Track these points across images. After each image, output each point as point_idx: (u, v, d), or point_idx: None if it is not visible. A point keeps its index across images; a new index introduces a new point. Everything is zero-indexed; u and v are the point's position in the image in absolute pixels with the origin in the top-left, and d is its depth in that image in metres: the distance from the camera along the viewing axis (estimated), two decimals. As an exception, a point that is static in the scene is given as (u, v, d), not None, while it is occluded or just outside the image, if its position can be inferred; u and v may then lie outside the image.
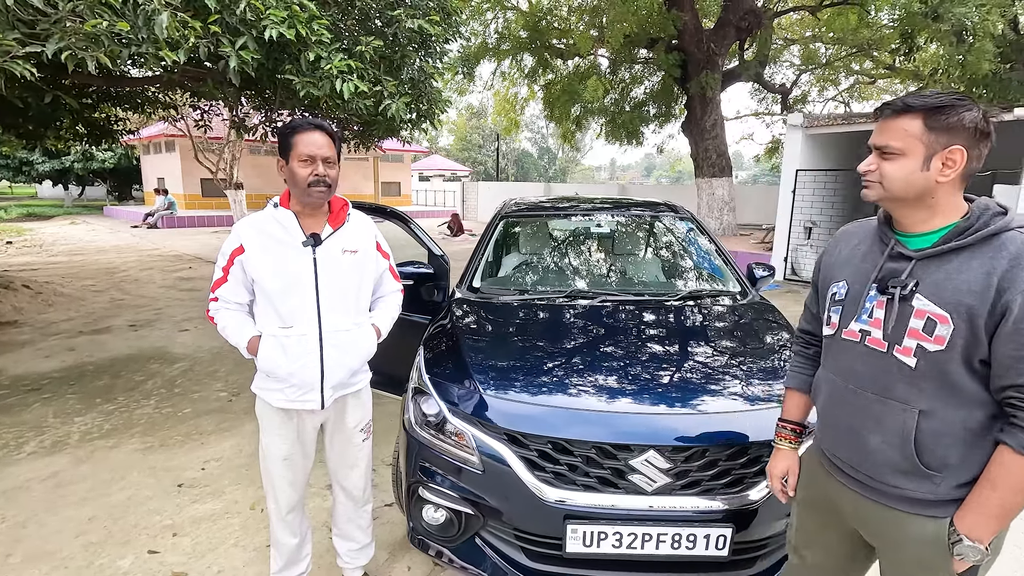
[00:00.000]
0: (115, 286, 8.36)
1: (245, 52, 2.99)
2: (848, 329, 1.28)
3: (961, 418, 1.15)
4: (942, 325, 1.12)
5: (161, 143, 20.55)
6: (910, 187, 1.16)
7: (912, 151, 1.14)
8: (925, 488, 1.18)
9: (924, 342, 1.14)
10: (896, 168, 1.16)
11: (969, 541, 1.13)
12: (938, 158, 1.13)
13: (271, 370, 1.74)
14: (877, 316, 1.22)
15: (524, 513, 1.81)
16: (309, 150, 1.67)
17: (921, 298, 1.15)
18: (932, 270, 1.16)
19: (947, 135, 1.12)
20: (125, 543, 2.53)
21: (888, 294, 1.19)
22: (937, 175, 1.14)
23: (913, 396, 1.17)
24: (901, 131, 1.15)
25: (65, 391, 4.29)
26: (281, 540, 1.96)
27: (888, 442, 1.20)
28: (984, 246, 1.12)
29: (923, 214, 1.19)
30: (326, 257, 1.76)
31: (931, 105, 1.13)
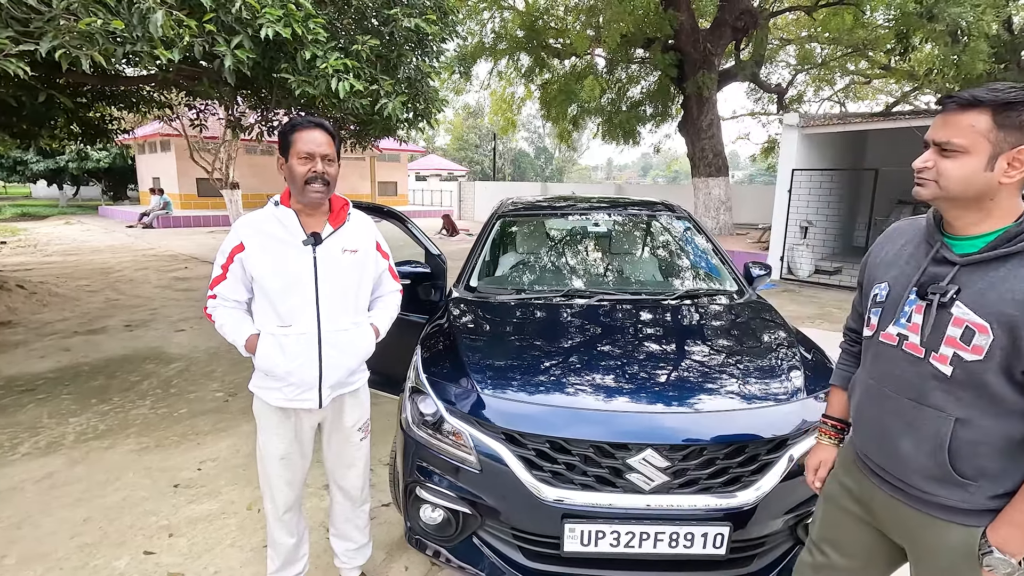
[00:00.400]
0: (110, 286, 8.32)
1: (240, 51, 2.98)
2: (886, 332, 1.24)
3: (1000, 428, 1.11)
4: (981, 335, 1.08)
5: (156, 142, 20.46)
6: (969, 187, 1.09)
7: (977, 149, 1.07)
8: (958, 496, 1.15)
9: (961, 351, 1.10)
10: (957, 166, 1.09)
11: (1000, 554, 1.10)
12: (1004, 158, 1.06)
13: (269, 369, 1.73)
14: (916, 321, 1.17)
15: (522, 512, 1.81)
16: (308, 147, 1.66)
17: (961, 306, 1.10)
18: (976, 277, 1.10)
19: (1018, 133, 1.04)
20: (120, 544, 2.52)
21: (928, 299, 1.15)
22: (1001, 176, 1.07)
23: (950, 404, 1.14)
24: (967, 127, 1.07)
25: (60, 392, 4.27)
26: (278, 540, 1.95)
27: (920, 448, 1.17)
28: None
29: (977, 216, 1.13)
30: (326, 256, 1.75)
31: (1004, 100, 1.04)
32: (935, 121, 1.13)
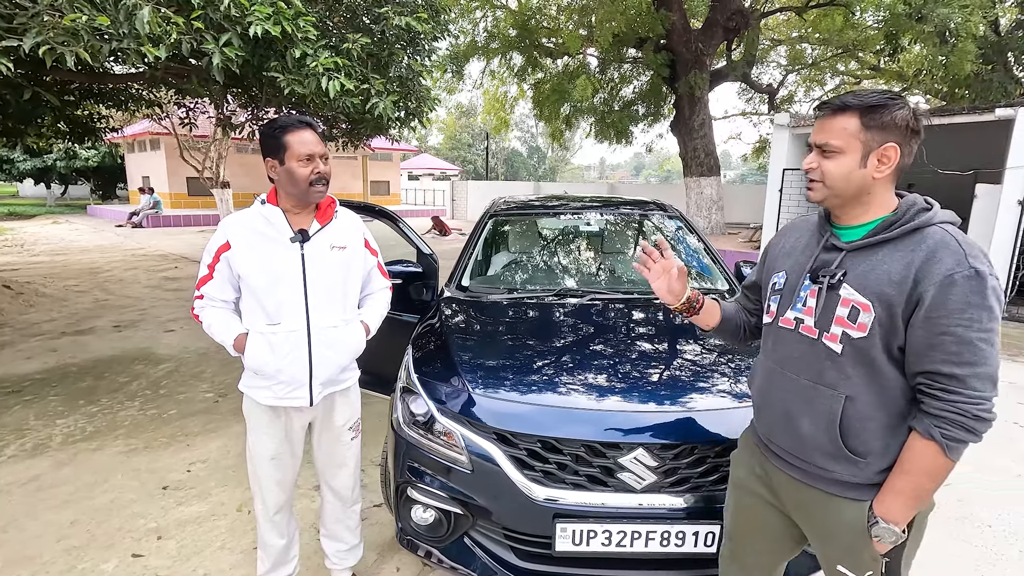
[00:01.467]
0: (99, 286, 8.24)
1: (229, 49, 2.95)
2: (784, 317, 1.35)
3: (884, 404, 1.21)
4: (864, 313, 1.19)
5: (146, 141, 20.28)
6: (849, 184, 1.22)
7: (851, 148, 1.19)
8: (850, 471, 1.24)
9: (848, 329, 1.21)
10: (836, 166, 1.21)
11: (885, 523, 1.19)
12: (875, 155, 1.19)
13: (258, 367, 1.72)
14: (810, 304, 1.28)
15: (513, 512, 1.80)
16: (308, 149, 1.65)
17: (847, 287, 1.22)
18: (859, 261, 1.22)
19: (882, 133, 1.17)
20: (108, 547, 2.49)
21: (819, 283, 1.26)
22: (874, 171, 1.20)
23: (840, 382, 1.24)
24: (840, 129, 1.20)
25: (47, 393, 4.22)
26: (268, 541, 1.94)
27: (817, 426, 1.27)
28: (907, 239, 1.18)
29: (859, 209, 1.25)
30: (314, 253, 1.74)
31: (867, 104, 1.18)
32: (815, 126, 1.26)
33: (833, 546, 1.32)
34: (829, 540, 1.32)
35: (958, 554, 2.48)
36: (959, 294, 1.10)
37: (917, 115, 1.19)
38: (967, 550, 2.51)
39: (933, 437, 1.13)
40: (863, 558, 1.27)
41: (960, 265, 1.11)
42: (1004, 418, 3.93)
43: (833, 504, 1.28)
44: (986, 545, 2.55)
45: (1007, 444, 3.56)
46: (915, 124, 1.18)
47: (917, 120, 1.18)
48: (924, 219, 1.18)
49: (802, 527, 1.39)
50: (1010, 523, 2.73)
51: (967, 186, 7.65)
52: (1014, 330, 6.54)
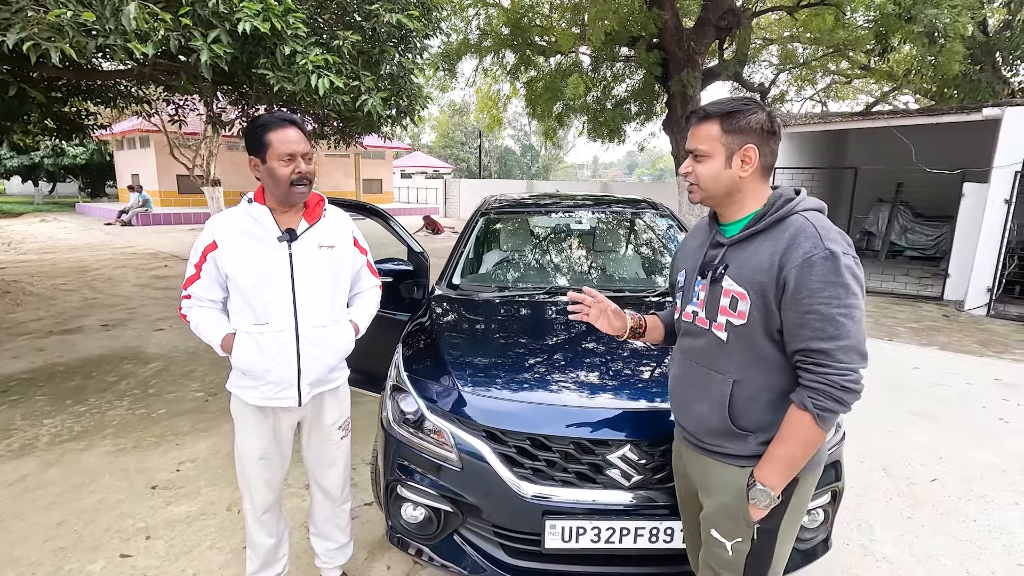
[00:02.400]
0: (87, 285, 8.16)
1: (218, 46, 2.92)
2: (685, 311, 1.47)
3: (768, 384, 1.32)
4: (742, 301, 1.29)
5: (135, 139, 20.07)
6: (719, 184, 1.34)
7: (716, 152, 1.32)
8: (739, 446, 1.36)
9: (730, 317, 1.32)
10: (705, 168, 1.34)
11: (761, 486, 1.30)
12: (737, 156, 1.31)
13: (247, 368, 1.71)
14: (703, 298, 1.39)
15: (503, 509, 1.81)
16: (288, 148, 1.64)
17: (728, 279, 1.32)
18: (737, 254, 1.33)
19: (741, 135, 1.30)
20: (96, 548, 2.47)
21: (706, 277, 1.38)
22: (739, 171, 1.32)
23: (729, 367, 1.35)
24: (705, 135, 1.33)
25: (34, 393, 4.18)
26: (257, 541, 1.93)
27: (711, 408, 1.38)
28: (775, 229, 1.29)
29: (734, 207, 1.37)
30: (302, 252, 1.73)
31: (725, 111, 1.31)
32: (689, 134, 1.38)
33: (714, 509, 1.42)
34: (712, 503, 1.43)
35: (944, 549, 2.51)
36: (817, 274, 1.19)
37: (772, 118, 1.31)
38: (952, 544, 2.54)
39: (807, 408, 1.23)
40: (738, 523, 1.37)
41: (816, 248, 1.21)
42: (989, 413, 3.98)
43: (721, 469, 1.40)
44: (971, 539, 2.59)
45: (992, 440, 3.61)
46: (770, 126, 1.30)
47: (772, 122, 1.31)
48: (787, 209, 1.29)
49: (701, 498, 1.49)
50: (995, 517, 2.76)
51: (955, 185, 7.73)
52: (1000, 327, 6.62)
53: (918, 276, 8.56)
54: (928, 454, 3.40)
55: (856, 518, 2.72)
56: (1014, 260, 7.43)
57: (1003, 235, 7.00)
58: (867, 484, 3.05)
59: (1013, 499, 2.93)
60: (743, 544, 1.37)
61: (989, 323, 6.80)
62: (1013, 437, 3.65)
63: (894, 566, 2.39)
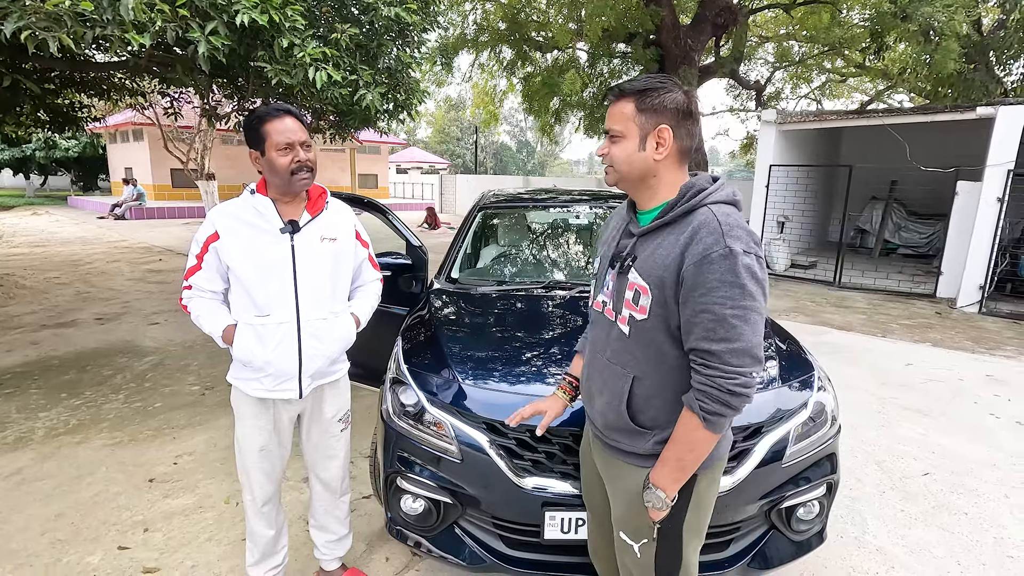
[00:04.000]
0: (81, 279, 8.11)
1: (215, 38, 2.91)
2: (596, 300, 1.42)
3: (667, 381, 1.27)
4: (644, 296, 1.24)
5: (128, 131, 19.94)
6: (632, 167, 1.26)
7: (629, 132, 1.24)
8: (636, 443, 1.32)
9: (633, 311, 1.27)
10: (620, 149, 1.26)
11: (654, 488, 1.26)
12: (651, 138, 1.23)
13: (247, 360, 1.71)
14: (611, 288, 1.34)
15: (502, 501, 1.82)
16: (286, 137, 1.64)
17: (634, 271, 1.27)
18: (645, 245, 1.27)
19: (655, 116, 1.22)
20: (94, 540, 2.47)
21: (615, 267, 1.33)
22: (653, 154, 1.24)
23: (630, 362, 1.30)
24: (620, 114, 1.26)
25: (28, 386, 4.16)
26: (257, 532, 1.94)
27: (610, 402, 1.34)
28: (682, 222, 1.23)
29: (647, 193, 1.30)
30: (304, 244, 1.73)
31: (638, 88, 1.24)
32: (607, 112, 1.31)
33: (620, 512, 1.39)
34: (618, 506, 1.40)
35: (935, 542, 2.55)
36: (714, 272, 1.14)
37: (689, 98, 1.24)
38: (944, 538, 2.58)
39: (694, 409, 1.19)
40: (641, 524, 1.34)
41: (716, 244, 1.14)
42: (980, 409, 4.03)
43: (623, 470, 1.36)
44: (962, 532, 2.62)
45: (983, 435, 3.65)
46: (686, 107, 1.23)
47: (689, 103, 1.23)
48: (696, 200, 1.22)
49: (610, 501, 1.45)
50: (985, 510, 2.80)
51: (948, 183, 7.78)
52: (991, 324, 6.68)
53: (911, 273, 8.62)
54: (921, 448, 3.44)
55: (850, 511, 2.75)
56: (1006, 258, 7.50)
57: (995, 233, 7.07)
58: (860, 478, 3.08)
59: (1003, 492, 2.97)
60: (649, 546, 1.34)
61: (981, 320, 6.87)
62: (1004, 432, 3.70)
63: (887, 558, 2.42)
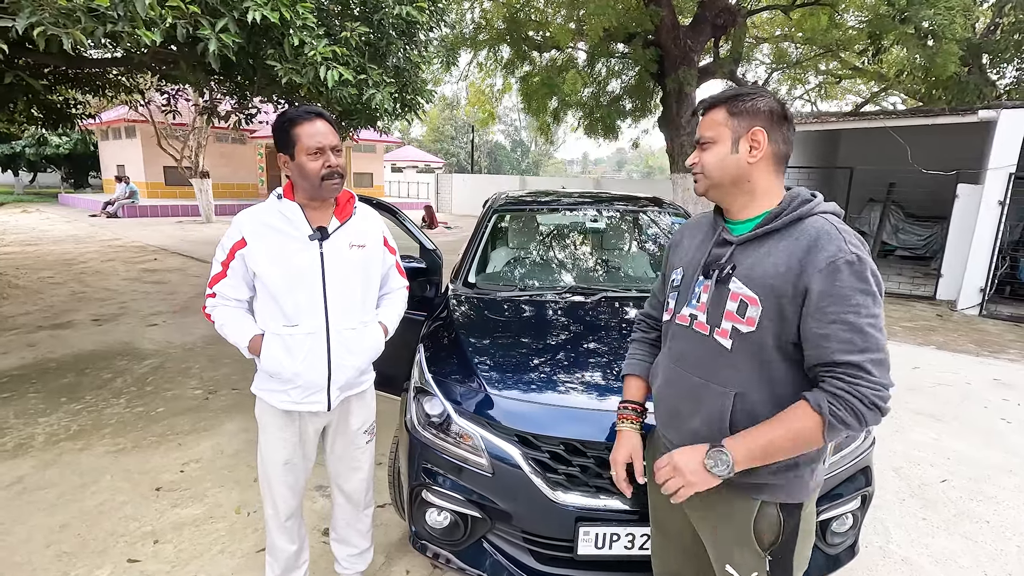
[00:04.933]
0: (75, 278, 7.97)
1: (226, 35, 2.83)
2: (680, 314, 1.35)
3: (774, 399, 1.20)
4: (752, 307, 1.18)
5: (121, 128, 19.65)
6: (725, 171, 1.25)
7: (721, 137, 1.25)
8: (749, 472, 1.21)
9: (738, 324, 1.21)
10: (711, 155, 1.26)
11: (725, 452, 1.17)
12: (744, 140, 1.23)
13: (276, 371, 1.65)
14: (704, 300, 1.28)
15: (534, 516, 1.77)
16: (317, 141, 1.58)
17: (736, 281, 1.22)
18: (747, 255, 1.23)
19: (748, 118, 1.22)
20: (101, 552, 2.40)
21: (710, 278, 1.27)
22: (747, 156, 1.23)
23: (731, 379, 1.23)
24: (711, 122, 1.27)
25: (26, 390, 4.06)
26: (279, 547, 1.87)
27: (708, 423, 1.26)
28: (791, 230, 1.19)
29: (743, 199, 1.27)
30: (333, 252, 1.67)
31: (729, 95, 1.26)
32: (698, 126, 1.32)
33: (722, 544, 1.32)
34: (719, 538, 1.32)
35: (960, 551, 2.52)
36: (844, 280, 1.10)
37: (782, 103, 1.25)
38: (968, 547, 2.55)
39: (821, 411, 1.10)
40: (749, 555, 1.27)
41: (841, 251, 1.11)
42: (991, 414, 4.03)
43: (725, 499, 1.27)
44: (986, 541, 2.60)
45: (997, 440, 3.65)
46: (780, 111, 1.23)
47: (783, 107, 1.24)
48: (805, 209, 1.20)
49: (695, 525, 1.39)
50: (1007, 518, 2.78)
51: (946, 186, 7.81)
52: (992, 327, 6.71)
53: (910, 276, 8.65)
54: (936, 454, 3.42)
55: (872, 519, 2.72)
56: (1005, 261, 7.54)
57: (996, 236, 7.09)
58: (880, 485, 3.05)
59: (1023, 500, 2.96)
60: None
61: (982, 323, 6.90)
62: (1017, 437, 3.69)
63: (913, 568, 2.39)
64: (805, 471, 1.25)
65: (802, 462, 1.23)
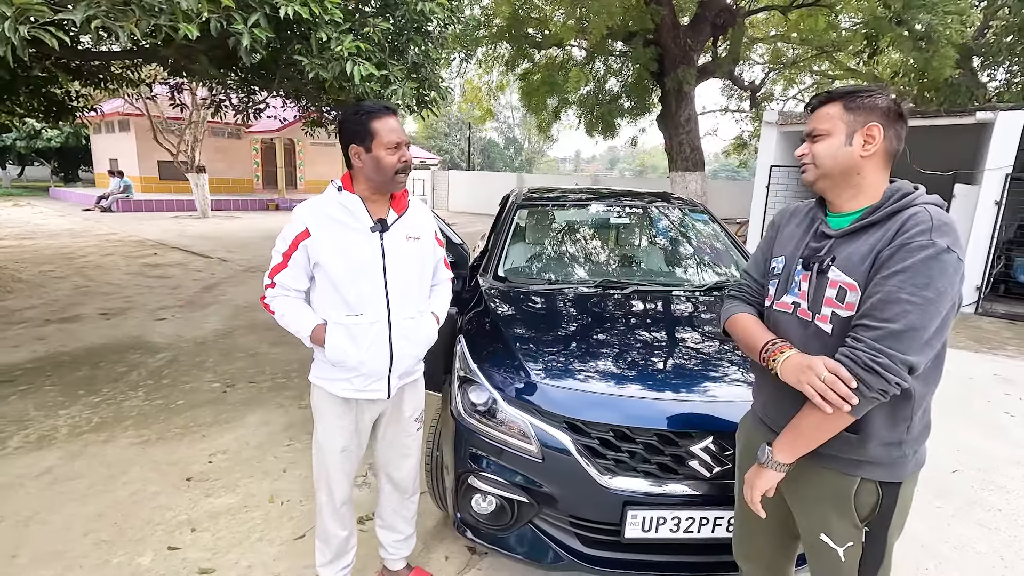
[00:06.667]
0: (77, 272, 7.92)
1: (259, 30, 2.86)
2: (781, 301, 1.41)
3: None
4: (851, 292, 1.24)
5: (114, 122, 19.42)
6: (837, 162, 1.29)
7: (836, 130, 1.29)
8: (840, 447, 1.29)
9: (836, 309, 1.27)
10: (824, 146, 1.30)
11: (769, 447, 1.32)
12: (859, 135, 1.27)
13: (340, 359, 1.69)
14: (804, 289, 1.34)
15: (583, 500, 1.83)
16: (395, 136, 1.64)
17: (835, 270, 1.28)
18: (845, 246, 1.29)
19: (864, 114, 1.27)
20: (140, 540, 2.43)
21: (810, 269, 1.33)
22: (860, 150, 1.27)
23: None
24: (825, 115, 1.31)
25: (42, 383, 4.05)
26: (332, 532, 1.92)
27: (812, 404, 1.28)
28: (888, 220, 1.25)
29: (850, 192, 1.31)
30: (392, 243, 1.72)
31: (847, 91, 1.30)
32: (808, 120, 1.37)
33: (817, 515, 1.37)
34: (814, 510, 1.37)
35: (975, 537, 2.61)
36: (906, 259, 1.15)
37: (898, 102, 1.28)
38: (984, 533, 2.65)
39: None
40: (846, 526, 1.32)
41: (921, 235, 1.16)
42: (994, 407, 4.14)
43: (822, 475, 1.34)
44: (1000, 528, 2.69)
45: (1000, 432, 3.76)
46: (896, 108, 1.27)
47: (899, 105, 1.27)
48: (905, 202, 1.25)
49: (789, 502, 1.43)
50: (1018, 507, 2.88)
51: (947, 186, 7.95)
52: (988, 324, 6.86)
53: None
54: (945, 446, 3.52)
55: (888, 507, 2.81)
56: (1001, 260, 7.70)
57: (992, 236, 7.24)
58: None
59: (1031, 489, 3.06)
60: (854, 549, 1.33)
61: (978, 320, 7.05)
62: (1020, 430, 3.80)
63: (932, 554, 2.48)
64: (908, 450, 1.29)
65: (905, 441, 1.27)
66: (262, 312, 6.28)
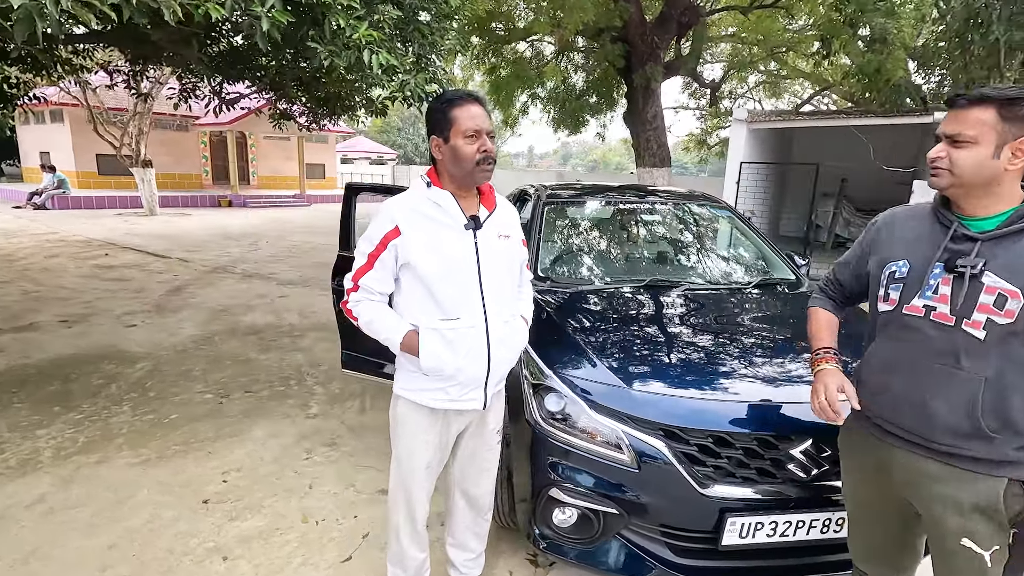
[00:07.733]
0: (21, 276, 7.27)
1: (277, 12, 2.65)
2: (911, 305, 1.35)
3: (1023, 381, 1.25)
4: (1012, 300, 1.21)
5: (45, 112, 17.93)
6: (980, 174, 1.23)
7: (985, 139, 1.21)
8: (984, 449, 1.27)
9: (994, 316, 1.23)
10: (968, 156, 1.23)
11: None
12: (1009, 147, 1.20)
13: (437, 368, 1.55)
14: (943, 292, 1.29)
15: (678, 509, 1.77)
16: (475, 124, 1.51)
17: (991, 275, 1.23)
18: (999, 251, 1.24)
19: (1020, 126, 1.19)
20: (167, 572, 2.20)
21: (956, 272, 1.27)
22: (1006, 163, 1.21)
23: (980, 365, 1.26)
24: (975, 120, 1.21)
25: (10, 400, 3.67)
26: (410, 555, 1.78)
27: (953, 408, 1.28)
28: None
29: (987, 200, 1.27)
30: (486, 242, 1.60)
31: (1007, 96, 1.19)
32: (946, 117, 1.28)
33: (958, 520, 1.32)
34: (954, 514, 1.32)
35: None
36: None
37: None
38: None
39: None
40: (992, 529, 1.29)
41: None
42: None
43: (964, 478, 1.29)
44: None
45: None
46: None
47: None
48: None
49: (917, 504, 1.39)
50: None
51: (908, 182, 8.38)
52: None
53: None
54: None
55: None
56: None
57: (949, 229, 7.67)
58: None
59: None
60: (1001, 552, 1.29)
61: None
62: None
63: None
64: None
65: None
66: (242, 316, 5.93)
